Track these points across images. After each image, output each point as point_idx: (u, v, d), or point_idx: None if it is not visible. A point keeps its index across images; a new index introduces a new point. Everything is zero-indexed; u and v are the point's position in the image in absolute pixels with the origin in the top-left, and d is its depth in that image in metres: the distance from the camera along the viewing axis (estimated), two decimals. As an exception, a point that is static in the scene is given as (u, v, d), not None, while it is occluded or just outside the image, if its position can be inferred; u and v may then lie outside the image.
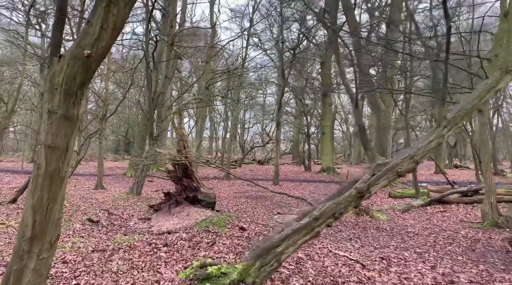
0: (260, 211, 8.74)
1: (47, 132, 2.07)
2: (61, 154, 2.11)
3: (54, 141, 2.08)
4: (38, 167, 2.11)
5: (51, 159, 2.10)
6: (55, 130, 2.07)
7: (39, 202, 2.14)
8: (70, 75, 2.02)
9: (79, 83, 2.04)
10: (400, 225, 7.26)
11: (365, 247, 5.62)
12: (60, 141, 2.09)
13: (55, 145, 2.08)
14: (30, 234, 2.17)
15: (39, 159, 2.11)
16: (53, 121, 2.06)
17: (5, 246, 5.42)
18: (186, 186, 7.62)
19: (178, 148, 7.58)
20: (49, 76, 2.05)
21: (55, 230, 2.26)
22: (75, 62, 2.00)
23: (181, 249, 5.30)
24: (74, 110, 2.08)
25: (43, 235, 2.19)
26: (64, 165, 2.14)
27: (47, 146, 2.08)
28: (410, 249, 5.47)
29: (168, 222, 7.02)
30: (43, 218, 2.17)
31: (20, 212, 7.87)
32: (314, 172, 22.50)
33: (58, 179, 2.14)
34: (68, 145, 2.12)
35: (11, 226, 6.44)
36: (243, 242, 5.74)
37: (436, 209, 9.13)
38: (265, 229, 6.58)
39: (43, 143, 2.08)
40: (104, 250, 5.21)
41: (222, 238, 5.87)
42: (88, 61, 2.01)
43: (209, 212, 7.18)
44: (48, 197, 2.15)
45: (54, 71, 2.04)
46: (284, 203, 10.11)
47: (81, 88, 2.05)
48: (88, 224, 7.01)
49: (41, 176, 2.11)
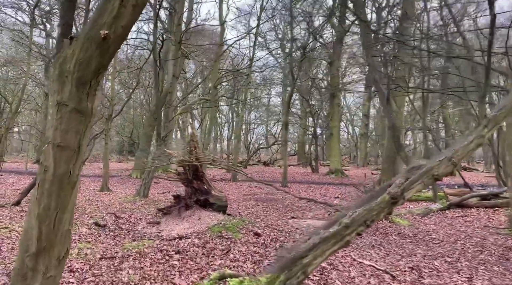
0: (272, 214, 8.39)
1: (56, 129, 1.74)
2: (72, 155, 1.78)
3: (64, 139, 1.75)
4: (45, 170, 1.78)
5: (60, 160, 1.77)
6: (65, 126, 1.74)
7: (46, 211, 1.82)
8: (83, 61, 1.69)
9: (94, 70, 1.71)
10: (422, 230, 6.89)
11: (390, 255, 5.25)
12: (71, 139, 1.76)
13: (65, 143, 1.76)
14: (35, 248, 1.84)
15: (46, 160, 1.78)
16: (63, 116, 1.73)
17: (8, 252, 5.10)
18: (197, 189, 7.29)
19: (189, 148, 7.26)
20: (59, 62, 1.72)
21: (64, 243, 1.93)
22: (89, 45, 1.67)
23: (194, 256, 4.96)
24: (88, 103, 1.75)
25: (50, 249, 1.86)
26: (75, 167, 1.81)
27: (55, 145, 1.75)
28: (440, 258, 5.10)
29: (178, 226, 6.69)
30: (50, 229, 1.84)
31: (24, 215, 7.58)
32: (321, 173, 22.11)
33: (68, 183, 1.81)
34: (80, 143, 1.80)
35: (14, 230, 6.14)
36: (260, 249, 5.39)
37: (456, 213, 8.74)
38: (281, 235, 6.23)
39: (51, 142, 1.76)
40: (113, 257, 4.88)
41: (237, 244, 5.53)
42: (105, 43, 1.68)
43: (221, 216, 6.84)
44: (56, 205, 1.82)
45: (64, 56, 1.71)
46: (296, 206, 9.75)
47: (96, 76, 1.72)
48: (94, 228, 6.70)
49: (49, 180, 1.78)
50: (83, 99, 1.73)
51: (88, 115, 1.77)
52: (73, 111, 1.73)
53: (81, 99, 1.73)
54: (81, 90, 1.72)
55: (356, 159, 38.13)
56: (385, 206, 3.83)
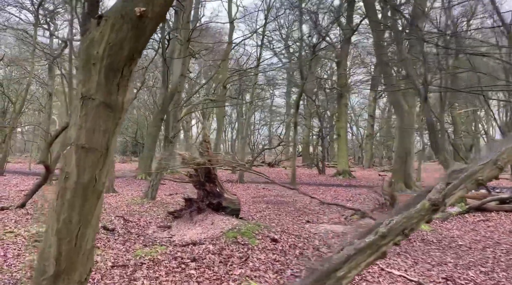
0: (286, 218, 8.08)
1: (80, 128, 1.44)
2: (98, 158, 1.48)
3: (89, 140, 1.45)
4: (66, 177, 1.48)
5: (84, 165, 1.47)
6: (92, 124, 1.45)
7: (67, 226, 1.52)
8: (115, 45, 1.39)
9: (127, 55, 1.42)
10: (446, 236, 6.56)
11: (419, 263, 4.93)
12: (98, 140, 1.46)
13: (90, 145, 1.46)
14: (54, 270, 1.54)
15: (67, 165, 1.48)
16: (88, 112, 1.43)
17: (14, 259, 4.81)
18: (209, 191, 6.99)
19: (201, 150, 6.96)
20: (84, 47, 1.43)
21: (87, 264, 1.63)
22: (122, 25, 1.38)
23: (211, 265, 4.66)
24: (119, 96, 1.45)
25: (70, 271, 1.56)
26: (101, 173, 1.51)
27: (79, 147, 1.45)
28: (473, 267, 4.78)
29: (191, 231, 6.39)
30: (71, 248, 1.55)
31: (29, 218, 7.30)
32: (328, 175, 21.78)
33: (93, 193, 1.52)
34: (108, 145, 1.50)
35: (20, 235, 5.85)
36: (279, 256, 5.09)
37: (476, 217, 8.40)
38: (299, 241, 5.92)
39: (74, 143, 1.45)
40: (125, 265, 4.58)
41: (254, 251, 5.22)
42: (141, 23, 1.38)
43: (235, 220, 6.54)
44: (79, 218, 1.52)
45: (91, 39, 1.41)
46: (309, 209, 9.44)
47: (129, 63, 1.43)
48: (103, 232, 6.40)
49: (71, 189, 1.48)
50: (112, 91, 1.43)
51: (118, 111, 1.47)
52: (100, 106, 1.43)
53: (111, 91, 1.43)
54: (111, 81, 1.42)
55: (361, 160, 37.74)
56: (425, 214, 3.49)
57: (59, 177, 1.52)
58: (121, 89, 1.44)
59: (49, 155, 10.58)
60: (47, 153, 7.90)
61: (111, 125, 1.47)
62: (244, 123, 18.08)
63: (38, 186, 8.16)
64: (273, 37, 23.14)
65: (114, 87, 1.42)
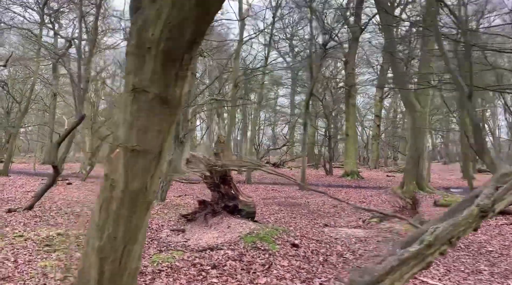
0: (301, 221, 7.83)
1: (131, 127, 1.19)
2: (150, 163, 1.23)
3: (141, 141, 1.20)
4: (112, 185, 1.23)
5: (135, 170, 1.22)
6: (144, 122, 1.20)
7: (111, 243, 1.27)
8: (174, 25, 1.14)
9: (189, 39, 1.17)
10: (473, 241, 6.28)
11: (452, 272, 4.66)
12: (152, 140, 1.22)
13: (143, 147, 1.21)
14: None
15: (113, 171, 1.23)
16: (141, 108, 1.18)
17: (25, 265, 4.57)
18: (224, 194, 6.75)
19: (215, 150, 6.72)
20: (136, 29, 1.18)
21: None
22: (184, 1, 1.12)
23: (233, 272, 4.41)
24: (176, 88, 1.20)
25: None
26: (153, 180, 1.27)
27: (129, 150, 1.20)
28: (511, 276, 4.50)
29: (206, 235, 6.14)
30: (115, 268, 1.30)
31: (38, 220, 7.08)
32: (336, 175, 21.49)
33: (142, 204, 1.27)
34: (162, 147, 1.24)
35: (30, 239, 5.61)
36: (303, 263, 4.83)
37: (499, 221, 8.11)
38: (321, 246, 5.66)
39: (123, 145, 1.20)
40: (142, 273, 4.34)
41: (276, 257, 4.96)
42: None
43: (252, 223, 6.29)
44: (125, 234, 1.28)
45: (144, 20, 1.16)
46: (323, 212, 9.18)
47: (190, 49, 1.18)
48: (115, 236, 6.18)
49: (117, 199, 1.23)
50: (170, 82, 1.18)
51: (175, 106, 1.22)
52: (155, 100, 1.18)
53: (168, 82, 1.18)
54: (169, 70, 1.17)
55: (367, 160, 37.40)
56: (473, 221, 3.22)
57: (103, 185, 1.28)
58: (180, 80, 1.19)
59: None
60: (56, 154, 7.67)
61: (166, 124, 1.22)
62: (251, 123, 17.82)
63: (47, 187, 7.94)
64: (278, 36, 22.88)
65: (172, 77, 1.17)
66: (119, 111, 1.22)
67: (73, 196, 10.69)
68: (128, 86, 1.18)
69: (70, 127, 7.92)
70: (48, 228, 6.30)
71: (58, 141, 7.62)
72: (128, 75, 1.19)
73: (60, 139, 7.65)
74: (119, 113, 1.22)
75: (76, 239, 5.79)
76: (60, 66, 27.18)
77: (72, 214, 7.74)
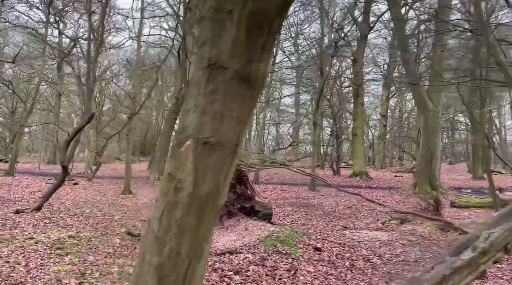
0: (318, 223, 7.56)
1: (203, 114, 0.93)
2: (225, 159, 0.97)
3: (216, 131, 0.95)
4: (178, 187, 0.98)
5: (207, 168, 0.97)
6: (221, 107, 0.95)
7: (174, 260, 1.02)
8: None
9: (280, 3, 0.90)
10: (502, 245, 5.99)
11: (490, 279, 4.38)
12: (229, 131, 0.97)
13: (218, 139, 0.95)
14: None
15: (179, 170, 0.98)
16: (216, 88, 0.92)
17: (37, 269, 4.33)
18: (240, 194, 6.49)
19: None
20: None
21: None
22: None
23: (258, 278, 4.16)
24: (261, 65, 0.94)
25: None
26: (227, 180, 1.01)
27: (200, 143, 0.94)
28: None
29: (223, 237, 5.88)
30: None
31: (47, 222, 6.85)
32: (344, 176, 21.19)
33: (212, 210, 1.01)
34: (239, 139, 0.99)
35: (40, 241, 5.38)
36: (329, 268, 4.57)
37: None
38: (344, 250, 5.39)
39: (192, 136, 0.95)
40: (162, 279, 4.10)
41: (301, 262, 4.70)
42: None
43: (270, 226, 6.03)
44: (191, 249, 1.03)
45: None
46: (338, 213, 8.91)
47: (282, 11, 0.92)
48: (128, 238, 5.93)
49: (183, 204, 0.99)
50: (255, 56, 0.92)
51: (258, 88, 0.97)
52: (235, 79, 0.93)
53: (252, 56, 0.92)
54: (255, 39, 0.91)
55: (372, 160, 37.04)
56: (531, 225, 3.00)
57: (165, 186, 1.02)
58: (266, 54, 0.94)
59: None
60: (65, 153, 7.44)
61: (246, 109, 0.97)
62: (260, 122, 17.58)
63: (55, 187, 7.71)
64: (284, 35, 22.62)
65: (257, 49, 0.92)
66: (188, 96, 0.96)
67: (81, 196, 10.48)
68: (202, 62, 0.92)
69: (79, 126, 7.69)
70: (59, 230, 6.07)
71: (67, 141, 7.39)
72: (202, 48, 0.93)
73: (69, 138, 7.42)
74: (189, 97, 0.96)
75: (88, 242, 5.57)
76: (65, 66, 27.03)
77: (81, 215, 7.51)
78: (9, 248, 4.99)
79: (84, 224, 6.75)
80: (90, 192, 11.64)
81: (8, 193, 10.54)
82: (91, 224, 6.82)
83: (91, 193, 11.40)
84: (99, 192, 12.03)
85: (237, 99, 0.94)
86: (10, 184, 13.17)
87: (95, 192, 11.73)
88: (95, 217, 7.43)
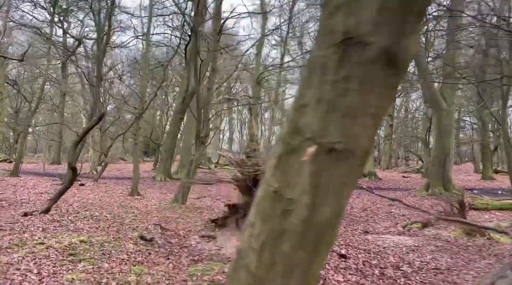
0: (336, 226, 7.29)
1: (330, 109, 0.65)
2: (353, 170, 0.70)
3: (347, 134, 0.67)
4: (288, 210, 0.70)
5: (329, 185, 0.69)
6: (356, 100, 0.67)
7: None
8: None
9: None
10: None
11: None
12: (363, 133, 0.69)
13: (347, 144, 0.68)
14: None
15: (289, 187, 0.70)
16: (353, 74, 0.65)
17: (50, 278, 4.08)
18: (257, 197, 6.22)
19: (248, 149, 6.21)
20: None
21: None
22: None
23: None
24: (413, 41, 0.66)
25: None
26: (347, 201, 0.73)
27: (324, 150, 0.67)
28: None
29: (241, 243, 5.64)
30: None
31: (57, 225, 6.60)
32: (351, 177, 20.90)
33: (328, 243, 0.73)
34: (371, 144, 0.71)
35: (51, 247, 5.13)
36: (359, 277, 4.29)
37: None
38: (370, 256, 5.12)
39: (312, 141, 0.67)
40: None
41: (328, 271, 4.43)
42: None
43: (290, 230, 5.77)
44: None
45: None
46: (354, 216, 8.62)
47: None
48: (141, 243, 5.68)
49: (294, 234, 0.71)
50: (407, 27, 0.65)
51: (404, 71, 0.70)
52: (380, 60, 0.66)
53: (404, 27, 0.65)
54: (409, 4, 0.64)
55: (378, 160, 36.67)
56: None
57: (266, 208, 0.75)
58: (418, 26, 0.67)
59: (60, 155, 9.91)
60: (74, 154, 7.21)
61: (385, 102, 0.70)
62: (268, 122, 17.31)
63: (63, 189, 7.48)
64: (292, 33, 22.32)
65: (411, 19, 0.65)
66: (305, 86, 0.70)
67: (88, 198, 10.25)
68: (332, 37, 0.66)
69: (88, 126, 7.45)
70: (69, 234, 5.82)
71: (76, 141, 7.16)
72: (333, 17, 0.66)
73: (78, 139, 7.19)
74: (306, 88, 0.69)
75: (101, 247, 5.33)
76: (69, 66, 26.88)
77: (91, 218, 7.26)
78: (19, 254, 4.75)
79: (95, 228, 6.50)
80: (97, 193, 11.41)
81: (14, 194, 10.32)
82: (102, 227, 6.57)
83: (98, 194, 11.17)
84: (106, 193, 11.80)
85: (378, 88, 0.68)
86: (16, 184, 12.97)
87: (102, 193, 11.50)
88: (105, 220, 7.18)
